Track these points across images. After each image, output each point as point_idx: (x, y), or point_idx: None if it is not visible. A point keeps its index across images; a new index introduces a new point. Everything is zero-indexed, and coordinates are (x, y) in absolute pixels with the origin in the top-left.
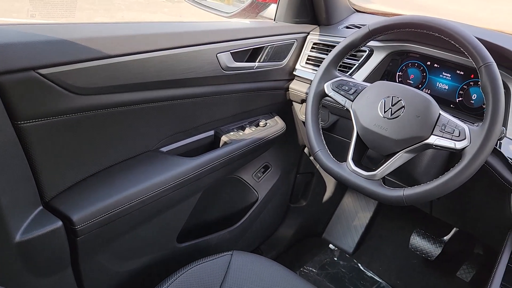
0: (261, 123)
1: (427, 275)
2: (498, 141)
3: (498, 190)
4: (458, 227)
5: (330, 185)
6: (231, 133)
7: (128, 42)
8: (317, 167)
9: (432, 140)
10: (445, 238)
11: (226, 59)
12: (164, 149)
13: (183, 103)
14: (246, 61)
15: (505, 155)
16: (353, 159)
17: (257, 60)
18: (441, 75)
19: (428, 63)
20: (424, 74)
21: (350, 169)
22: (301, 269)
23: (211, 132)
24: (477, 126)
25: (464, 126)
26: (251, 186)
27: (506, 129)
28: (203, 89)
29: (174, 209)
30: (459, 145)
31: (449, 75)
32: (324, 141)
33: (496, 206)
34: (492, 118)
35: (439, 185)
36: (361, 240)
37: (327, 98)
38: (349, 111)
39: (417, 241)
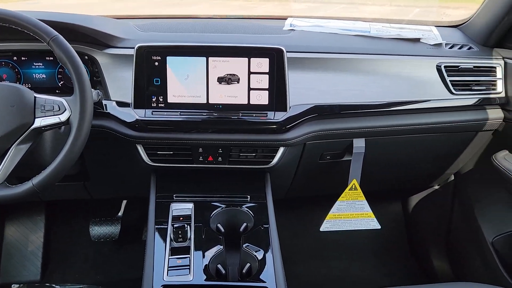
0: None
1: (117, 257)
2: (103, 104)
3: (124, 146)
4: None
5: None
6: None
7: None
8: None
9: (38, 123)
10: (119, 214)
11: None
12: None
13: None
14: None
15: (113, 113)
16: None
17: None
18: (33, 66)
19: (15, 58)
20: (16, 70)
21: None
22: None
23: None
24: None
25: (61, 100)
26: None
27: (104, 92)
28: None
29: None
30: (63, 117)
31: (41, 64)
32: None
33: (128, 160)
34: (79, 83)
35: (61, 160)
36: (45, 261)
37: None
38: None
39: (97, 230)
